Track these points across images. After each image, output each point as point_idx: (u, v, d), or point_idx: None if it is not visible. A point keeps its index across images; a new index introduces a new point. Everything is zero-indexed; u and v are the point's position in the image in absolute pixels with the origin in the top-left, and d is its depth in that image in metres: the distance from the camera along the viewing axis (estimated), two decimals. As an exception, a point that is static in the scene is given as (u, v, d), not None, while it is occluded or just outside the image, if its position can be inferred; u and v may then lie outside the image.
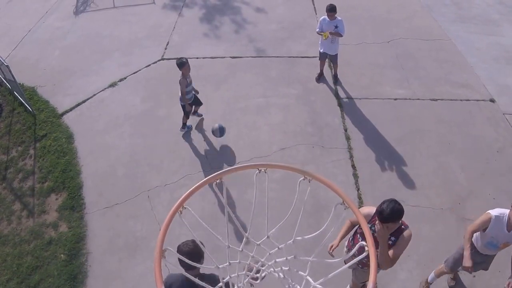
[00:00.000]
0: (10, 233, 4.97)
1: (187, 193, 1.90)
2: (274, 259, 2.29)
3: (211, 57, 7.33)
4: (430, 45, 7.43)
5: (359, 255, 1.94)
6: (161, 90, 6.68)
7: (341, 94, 6.47)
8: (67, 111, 6.47)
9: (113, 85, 6.88)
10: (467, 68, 6.94)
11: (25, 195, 5.36)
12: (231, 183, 5.08)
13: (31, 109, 6.40)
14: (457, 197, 4.95)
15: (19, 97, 6.61)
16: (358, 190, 5.04)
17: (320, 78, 6.73)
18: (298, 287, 2.16)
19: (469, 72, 6.85)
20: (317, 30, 6.05)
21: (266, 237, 2.28)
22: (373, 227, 2.92)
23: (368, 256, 1.75)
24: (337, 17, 5.80)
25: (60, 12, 9.10)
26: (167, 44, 7.73)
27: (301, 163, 5.33)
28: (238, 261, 2.23)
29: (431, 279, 4.07)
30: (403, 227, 2.95)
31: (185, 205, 1.89)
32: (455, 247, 3.55)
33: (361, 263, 3.30)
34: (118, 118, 6.25)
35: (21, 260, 4.67)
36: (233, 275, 2.26)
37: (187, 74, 5.21)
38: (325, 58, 6.40)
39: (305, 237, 2.31)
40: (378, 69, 6.92)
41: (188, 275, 2.21)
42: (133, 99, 6.56)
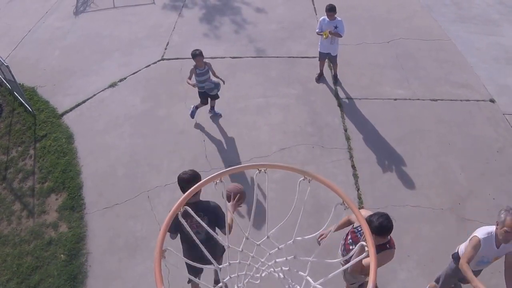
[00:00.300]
0: (10, 233, 4.97)
1: (187, 193, 1.90)
2: (274, 259, 2.29)
3: (211, 57, 7.30)
4: (430, 45, 7.43)
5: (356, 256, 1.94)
6: (161, 90, 6.68)
7: (341, 94, 6.47)
8: (67, 111, 6.48)
9: (113, 85, 6.88)
10: (467, 68, 6.94)
11: (25, 195, 5.36)
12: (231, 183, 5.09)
13: (31, 109, 6.40)
14: (457, 197, 4.95)
15: (19, 97, 6.61)
16: (358, 190, 5.04)
17: (320, 78, 6.73)
18: (298, 287, 2.16)
19: (469, 72, 6.85)
20: (317, 30, 6.05)
21: (266, 237, 2.28)
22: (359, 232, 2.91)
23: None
24: (336, 17, 5.79)
25: (60, 12, 9.10)
26: (167, 44, 7.73)
27: (301, 163, 5.33)
28: (238, 261, 2.22)
29: None
30: (388, 246, 2.87)
31: (185, 205, 1.89)
32: (455, 247, 3.54)
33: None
34: (118, 118, 6.25)
35: (21, 260, 4.66)
36: (233, 275, 2.26)
37: (200, 65, 5.35)
38: (325, 58, 6.40)
39: (305, 237, 2.30)
40: (378, 69, 6.91)
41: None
42: (133, 99, 6.56)
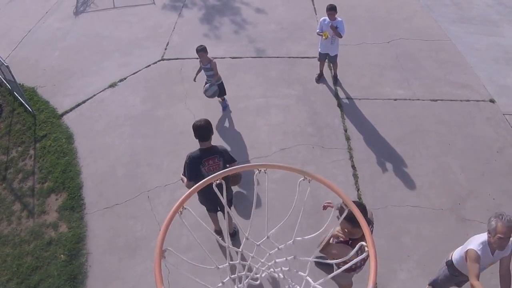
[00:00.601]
0: (10, 233, 4.97)
1: (187, 194, 1.91)
2: (274, 260, 2.29)
3: (211, 57, 7.32)
4: (430, 46, 7.43)
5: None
6: (161, 90, 6.68)
7: (341, 94, 6.47)
8: (67, 112, 6.48)
9: (113, 85, 6.88)
10: (467, 68, 6.94)
11: (25, 195, 5.36)
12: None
13: (31, 110, 6.40)
14: (457, 198, 4.94)
15: (19, 98, 6.61)
16: (358, 190, 5.04)
17: (320, 78, 6.73)
18: (298, 287, 2.16)
19: (469, 72, 6.85)
20: (317, 30, 6.05)
21: (266, 237, 2.28)
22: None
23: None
24: (337, 17, 5.79)
25: (60, 12, 9.11)
26: (167, 44, 7.73)
27: (301, 163, 5.33)
28: (238, 261, 2.23)
29: None
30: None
31: (185, 205, 1.89)
32: (455, 247, 3.53)
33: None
34: (118, 118, 6.26)
35: (21, 260, 4.66)
36: (233, 276, 2.26)
37: (203, 61, 5.56)
38: (325, 58, 6.39)
39: (305, 237, 2.31)
40: (378, 70, 6.92)
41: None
42: (133, 100, 6.56)
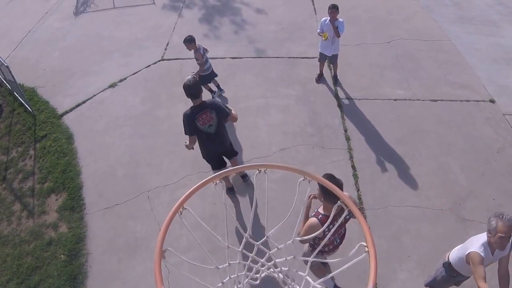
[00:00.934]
0: (10, 233, 4.97)
1: (187, 194, 1.91)
2: (273, 260, 2.29)
3: (211, 58, 7.29)
4: (430, 46, 7.43)
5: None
6: (161, 90, 6.68)
7: (341, 94, 6.47)
8: (67, 112, 6.48)
9: (113, 85, 6.88)
10: (467, 68, 6.94)
11: (25, 195, 5.37)
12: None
13: (31, 110, 6.40)
14: (457, 198, 4.95)
15: (19, 98, 6.62)
16: (358, 190, 5.04)
17: (320, 79, 6.73)
18: (297, 287, 2.16)
19: (469, 72, 6.85)
20: (318, 31, 6.04)
21: (265, 237, 2.28)
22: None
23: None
24: (338, 18, 5.77)
25: (60, 12, 9.11)
26: (167, 44, 7.73)
27: (301, 163, 5.33)
28: (237, 261, 2.23)
29: None
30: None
31: (185, 205, 1.90)
32: (454, 247, 3.53)
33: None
34: (118, 118, 6.26)
35: (21, 260, 4.66)
36: (232, 276, 2.26)
37: (189, 50, 5.63)
38: (325, 59, 6.39)
39: (305, 237, 2.31)
40: (378, 70, 6.92)
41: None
42: (133, 100, 6.57)
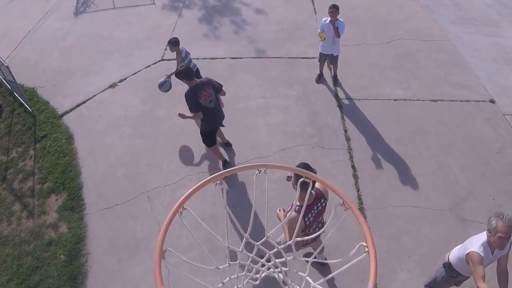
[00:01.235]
0: (10, 233, 4.97)
1: (187, 194, 1.91)
2: (273, 260, 2.29)
3: (211, 58, 7.33)
4: (430, 46, 7.43)
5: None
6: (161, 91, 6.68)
7: (341, 95, 6.47)
8: (67, 112, 6.48)
9: (113, 85, 6.88)
10: (467, 69, 6.94)
11: (25, 195, 5.36)
12: (231, 184, 5.09)
13: (31, 110, 6.40)
14: (457, 198, 4.94)
15: (19, 98, 6.61)
16: (358, 191, 5.04)
17: (320, 79, 6.72)
18: (297, 287, 2.16)
19: (469, 73, 6.85)
20: (319, 31, 6.03)
21: (265, 237, 2.28)
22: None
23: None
24: (339, 18, 5.77)
25: (60, 12, 9.11)
26: (167, 45, 7.71)
27: (301, 163, 5.32)
28: (237, 261, 2.23)
29: None
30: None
31: (185, 205, 1.90)
32: (454, 247, 3.53)
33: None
34: (118, 118, 6.26)
35: (21, 260, 4.66)
36: (232, 276, 2.26)
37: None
38: (325, 59, 6.39)
39: (305, 238, 2.31)
40: (378, 70, 6.92)
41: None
42: (133, 100, 6.56)
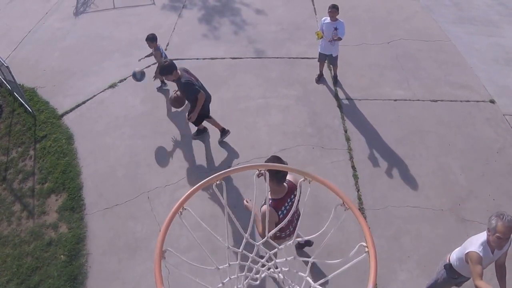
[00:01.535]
0: (10, 234, 4.96)
1: (187, 194, 1.91)
2: (274, 260, 2.29)
3: (211, 58, 7.33)
4: (430, 46, 7.43)
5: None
6: (161, 91, 6.69)
7: (341, 95, 6.47)
8: (67, 112, 6.47)
9: (113, 86, 6.88)
10: (467, 69, 6.94)
11: (25, 196, 5.36)
12: (231, 184, 5.09)
13: (31, 110, 6.40)
14: (457, 198, 4.94)
15: (19, 98, 6.61)
16: (358, 191, 5.04)
17: (320, 79, 6.72)
18: (297, 287, 2.16)
19: (469, 73, 6.85)
20: (319, 30, 6.03)
21: (265, 237, 2.28)
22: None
23: None
24: (338, 19, 5.77)
25: (60, 13, 9.11)
26: (167, 45, 7.72)
27: (301, 164, 5.33)
28: (237, 262, 2.23)
29: None
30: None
31: (185, 206, 1.90)
32: (455, 248, 3.53)
33: None
34: (118, 119, 6.25)
35: (21, 261, 4.66)
36: (232, 277, 2.26)
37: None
38: (325, 59, 6.38)
39: (305, 238, 2.31)
40: (378, 70, 6.92)
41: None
42: (133, 100, 6.56)
